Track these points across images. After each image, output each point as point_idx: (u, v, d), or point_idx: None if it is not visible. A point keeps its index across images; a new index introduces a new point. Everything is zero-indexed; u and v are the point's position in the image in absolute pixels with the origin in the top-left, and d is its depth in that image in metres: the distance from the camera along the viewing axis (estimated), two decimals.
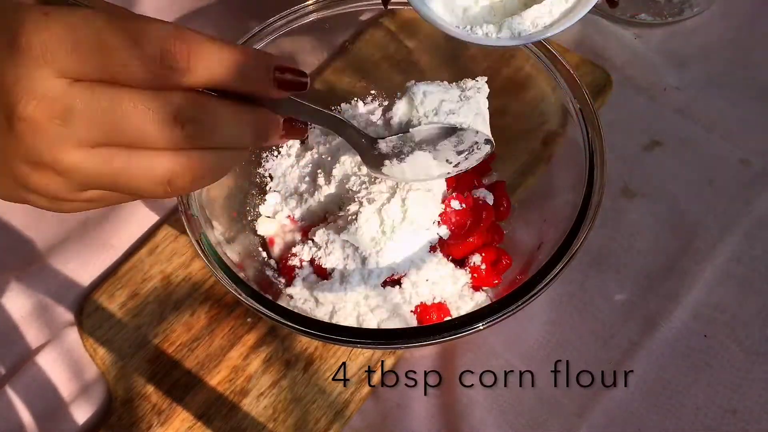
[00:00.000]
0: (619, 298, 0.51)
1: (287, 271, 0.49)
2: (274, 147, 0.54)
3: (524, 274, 0.46)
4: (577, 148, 0.43)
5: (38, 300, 0.52)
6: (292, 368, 0.49)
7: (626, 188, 0.55)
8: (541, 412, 0.47)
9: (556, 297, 0.51)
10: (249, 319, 0.51)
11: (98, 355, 0.50)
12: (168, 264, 0.53)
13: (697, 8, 0.63)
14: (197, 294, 0.52)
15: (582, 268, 0.52)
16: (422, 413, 0.48)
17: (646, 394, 0.47)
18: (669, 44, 0.63)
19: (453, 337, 0.37)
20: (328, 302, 0.48)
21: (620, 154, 0.56)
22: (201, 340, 0.50)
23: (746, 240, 0.52)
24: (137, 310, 0.52)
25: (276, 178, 0.53)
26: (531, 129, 0.51)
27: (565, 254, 0.39)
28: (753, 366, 0.48)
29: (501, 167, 0.52)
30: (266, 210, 0.52)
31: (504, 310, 0.38)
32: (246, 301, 0.39)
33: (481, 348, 0.50)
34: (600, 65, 0.60)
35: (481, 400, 0.48)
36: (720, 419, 0.46)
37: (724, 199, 0.54)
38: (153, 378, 0.49)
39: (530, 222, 0.49)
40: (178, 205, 0.42)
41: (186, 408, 0.48)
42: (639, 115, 0.59)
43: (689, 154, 0.57)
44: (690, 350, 0.49)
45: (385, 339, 0.39)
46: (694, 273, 0.51)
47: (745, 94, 0.59)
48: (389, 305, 0.47)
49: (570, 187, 0.44)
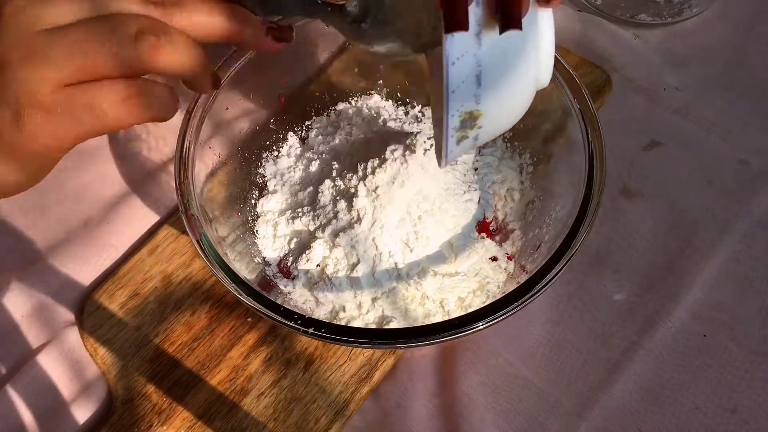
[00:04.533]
0: (619, 297, 0.51)
1: (287, 271, 0.50)
2: (275, 147, 0.54)
3: (524, 273, 0.46)
4: (576, 148, 0.43)
5: (39, 300, 0.52)
6: (292, 368, 0.49)
7: (625, 188, 0.56)
8: (540, 412, 0.48)
9: (556, 297, 0.51)
10: (249, 318, 0.51)
11: (99, 355, 0.50)
12: (168, 264, 0.53)
13: (697, 9, 0.64)
14: (198, 294, 0.52)
15: (581, 268, 0.52)
16: (422, 413, 0.48)
17: (645, 393, 0.47)
18: (668, 44, 0.63)
19: (453, 336, 0.37)
20: (328, 302, 0.48)
21: (620, 154, 0.57)
22: (201, 339, 0.50)
23: (745, 240, 0.52)
24: (138, 309, 0.52)
25: (276, 178, 0.53)
26: (531, 129, 0.51)
27: (565, 254, 0.39)
28: (752, 366, 0.48)
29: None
30: (266, 210, 0.52)
31: (504, 310, 0.38)
32: (246, 301, 0.39)
33: (481, 348, 0.50)
34: (599, 65, 0.60)
35: (481, 400, 0.48)
36: (719, 419, 0.46)
37: (723, 199, 0.54)
38: (153, 377, 0.49)
39: (530, 222, 0.49)
40: (179, 205, 0.42)
41: (186, 407, 0.48)
42: (638, 115, 0.59)
43: (688, 154, 0.57)
44: (689, 350, 0.49)
45: (385, 339, 0.39)
46: (694, 273, 0.51)
47: (744, 95, 0.59)
48: (390, 305, 0.47)
49: (569, 187, 0.44)
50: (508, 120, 0.35)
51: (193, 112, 0.44)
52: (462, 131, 0.32)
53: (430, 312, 0.47)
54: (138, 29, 0.31)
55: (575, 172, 0.43)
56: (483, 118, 0.32)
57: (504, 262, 0.49)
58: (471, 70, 0.30)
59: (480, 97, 0.31)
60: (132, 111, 0.32)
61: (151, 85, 0.32)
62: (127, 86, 0.31)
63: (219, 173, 0.48)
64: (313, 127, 0.56)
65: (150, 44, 0.31)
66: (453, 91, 0.30)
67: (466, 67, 0.30)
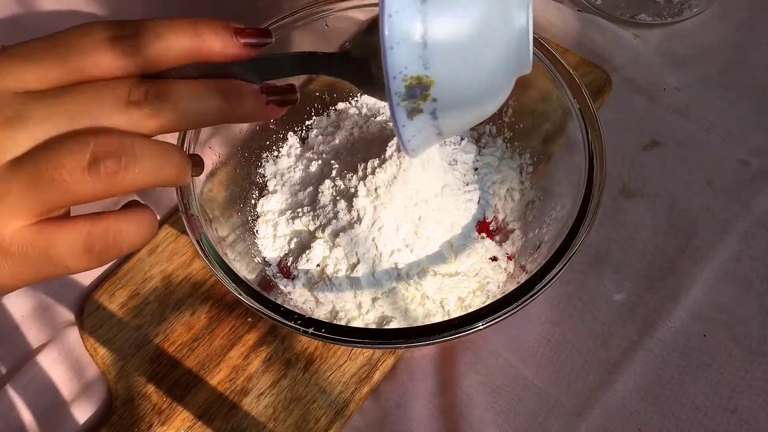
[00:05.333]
0: (619, 297, 0.51)
1: (287, 271, 0.50)
2: (275, 147, 0.54)
3: (524, 273, 0.46)
4: (576, 148, 0.43)
5: (39, 300, 0.52)
6: (292, 368, 0.49)
7: (625, 188, 0.56)
8: (540, 412, 0.48)
9: (555, 297, 0.51)
10: (249, 318, 0.51)
11: (99, 355, 0.50)
12: (168, 264, 0.53)
13: (697, 9, 0.64)
14: (198, 294, 0.52)
15: (581, 268, 0.52)
16: (422, 413, 0.48)
17: (645, 393, 0.47)
18: (668, 44, 0.63)
19: (453, 336, 0.37)
20: (328, 302, 0.48)
21: (619, 154, 0.57)
22: (201, 339, 0.50)
23: (745, 240, 0.52)
24: (138, 309, 0.52)
25: (276, 178, 0.53)
26: (530, 129, 0.51)
27: (565, 254, 0.39)
28: (752, 366, 0.48)
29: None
30: (266, 210, 0.52)
31: (504, 310, 0.38)
32: (246, 301, 0.39)
33: (481, 348, 0.50)
34: (599, 65, 0.60)
35: (481, 400, 0.48)
36: (719, 419, 0.46)
37: (723, 198, 0.54)
38: (153, 377, 0.49)
39: (530, 222, 0.49)
40: (179, 205, 0.42)
41: (186, 407, 0.48)
42: (638, 115, 0.59)
43: (688, 154, 0.57)
44: (689, 350, 0.49)
45: (385, 339, 0.39)
46: (694, 273, 0.51)
47: (744, 95, 0.59)
48: (390, 305, 0.47)
49: (569, 187, 0.44)
50: (473, 97, 0.31)
51: None
52: (411, 101, 0.29)
53: (430, 312, 0.47)
54: (91, 156, 0.26)
55: (575, 172, 0.43)
56: (435, 88, 0.29)
57: (504, 262, 0.49)
58: (413, 28, 0.27)
59: (427, 60, 0.28)
60: (95, 259, 0.28)
61: (118, 222, 0.29)
62: (88, 234, 0.28)
63: (219, 173, 0.48)
64: (313, 127, 0.56)
65: (107, 171, 0.27)
66: (391, 47, 0.27)
67: (408, 22, 0.27)
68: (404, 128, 0.30)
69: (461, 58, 0.29)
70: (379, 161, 0.48)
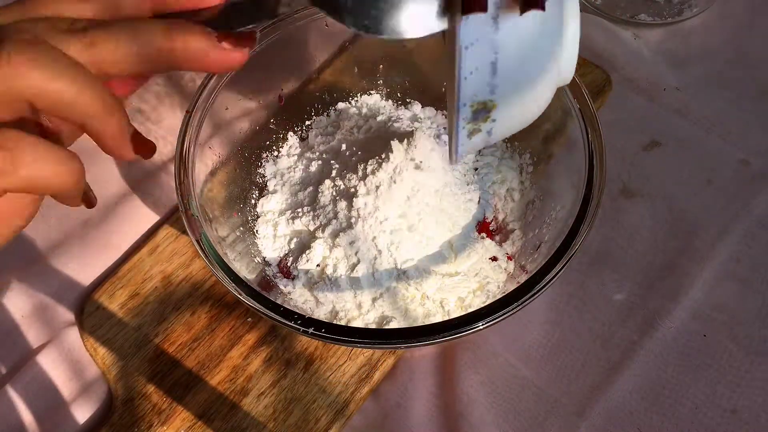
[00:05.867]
0: (619, 297, 0.51)
1: (287, 271, 0.50)
2: (275, 147, 0.54)
3: (524, 273, 0.46)
4: (576, 148, 0.43)
5: (39, 300, 0.52)
6: (292, 368, 0.49)
7: (625, 188, 0.56)
8: (540, 412, 0.48)
9: (555, 297, 0.51)
10: (249, 318, 0.51)
11: (99, 355, 0.50)
12: (168, 264, 0.53)
13: (697, 8, 0.64)
14: (198, 294, 0.52)
15: (581, 268, 0.52)
16: (422, 413, 0.48)
17: (645, 393, 0.47)
18: (668, 44, 0.63)
19: (453, 336, 0.37)
20: (328, 302, 0.48)
21: (620, 154, 0.57)
22: (201, 339, 0.50)
23: (745, 240, 0.52)
24: (138, 309, 0.52)
25: (276, 178, 0.53)
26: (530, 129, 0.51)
27: (565, 254, 0.39)
28: (752, 366, 0.48)
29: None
30: (266, 210, 0.52)
31: (504, 310, 0.38)
32: (246, 301, 0.39)
33: (481, 348, 0.50)
34: (599, 65, 0.60)
35: (481, 400, 0.48)
36: (719, 419, 0.46)
37: (724, 199, 0.54)
38: (153, 377, 0.49)
39: (530, 222, 0.49)
40: (179, 205, 0.42)
41: (186, 407, 0.48)
42: (638, 115, 0.59)
43: (688, 154, 0.57)
44: (689, 350, 0.49)
45: (385, 339, 0.39)
46: (694, 273, 0.51)
47: (744, 94, 0.59)
48: (390, 305, 0.47)
49: (569, 187, 0.44)
50: (525, 115, 0.33)
51: (192, 112, 0.44)
52: (474, 123, 0.31)
53: (430, 312, 0.47)
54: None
55: (575, 172, 0.43)
56: (497, 111, 0.30)
57: (504, 262, 0.49)
58: (486, 57, 0.28)
59: (495, 86, 0.29)
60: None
61: (23, 144, 0.25)
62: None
63: (219, 173, 0.48)
64: (313, 126, 0.56)
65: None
66: (465, 78, 0.28)
67: (481, 52, 0.28)
68: (462, 146, 0.32)
69: (521, 78, 0.30)
70: (379, 161, 0.48)
